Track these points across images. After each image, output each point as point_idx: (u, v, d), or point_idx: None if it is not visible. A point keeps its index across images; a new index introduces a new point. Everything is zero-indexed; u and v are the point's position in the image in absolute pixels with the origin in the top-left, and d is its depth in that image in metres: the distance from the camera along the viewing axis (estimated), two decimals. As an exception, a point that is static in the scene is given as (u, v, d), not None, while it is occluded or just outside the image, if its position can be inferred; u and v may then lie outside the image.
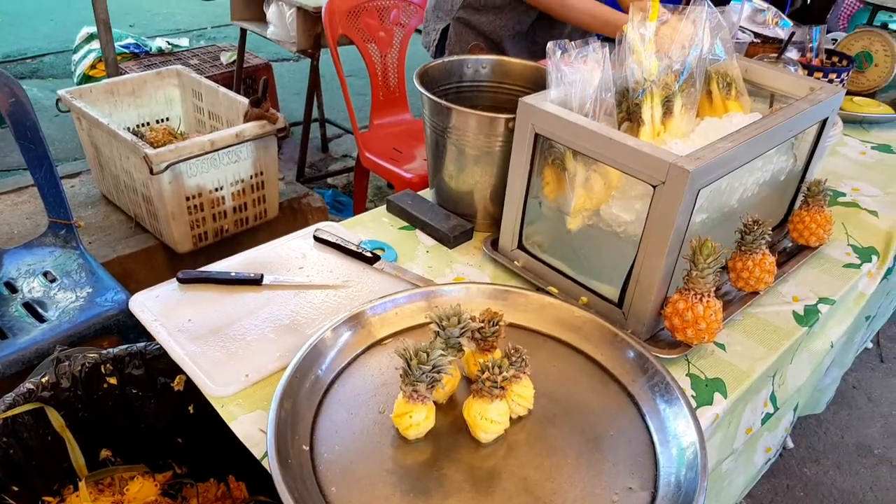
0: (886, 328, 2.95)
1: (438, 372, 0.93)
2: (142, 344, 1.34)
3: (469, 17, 2.15)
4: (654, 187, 1.05)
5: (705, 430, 1.05)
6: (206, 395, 1.03)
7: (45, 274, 1.92)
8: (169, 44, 3.90)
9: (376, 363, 1.08)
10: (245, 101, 2.39)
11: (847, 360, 1.94)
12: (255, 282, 1.23)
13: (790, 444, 2.34)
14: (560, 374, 1.10)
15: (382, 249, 1.38)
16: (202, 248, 2.40)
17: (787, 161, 1.37)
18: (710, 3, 1.34)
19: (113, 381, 1.34)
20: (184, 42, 4.10)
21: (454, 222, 1.44)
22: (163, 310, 1.17)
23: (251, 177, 2.40)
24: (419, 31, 2.88)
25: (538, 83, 1.24)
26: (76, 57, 3.94)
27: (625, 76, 1.27)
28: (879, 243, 1.53)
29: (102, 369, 1.33)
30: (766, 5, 2.27)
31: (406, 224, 1.48)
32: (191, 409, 1.37)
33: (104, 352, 1.33)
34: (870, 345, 2.85)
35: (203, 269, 1.26)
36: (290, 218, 2.71)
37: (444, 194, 1.50)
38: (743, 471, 1.37)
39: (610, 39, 1.30)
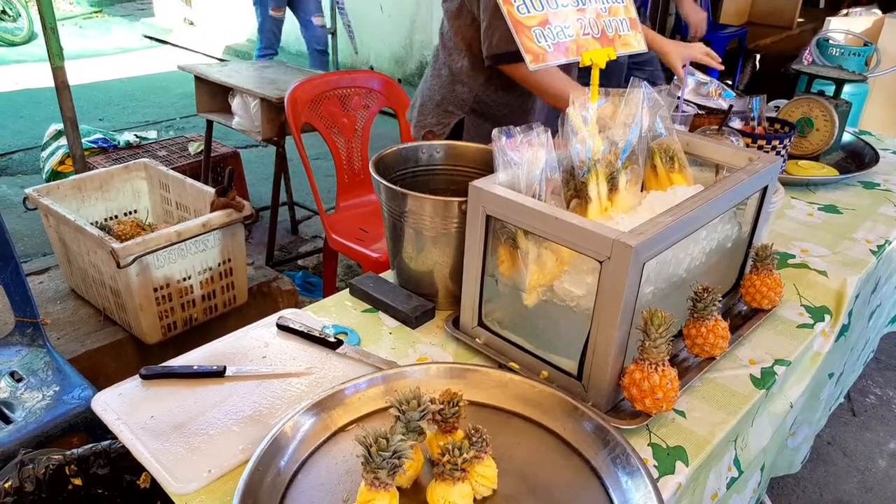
0: (857, 381, 2.99)
1: (399, 458, 0.94)
2: (106, 442, 1.33)
3: (484, 109, 2.20)
4: (601, 263, 1.09)
5: (668, 500, 1.07)
6: (169, 492, 1.02)
7: (12, 374, 1.90)
8: (137, 136, 3.97)
9: (340, 451, 1.08)
10: (211, 190, 2.43)
11: (816, 418, 1.96)
12: (218, 374, 1.24)
13: (769, 505, 2.34)
14: (523, 450, 1.11)
15: (346, 334, 1.40)
16: (171, 338, 2.39)
17: (732, 229, 1.43)
18: (647, 84, 1.42)
19: (78, 481, 1.33)
20: (152, 134, 4.18)
21: (416, 303, 1.47)
22: (125, 408, 1.17)
23: (219, 264, 2.42)
24: (383, 113, 2.97)
25: (489, 165, 1.30)
26: (45, 154, 3.98)
27: (570, 156, 1.33)
28: (831, 302, 1.58)
29: (67, 470, 1.31)
30: (708, 78, 2.39)
31: (369, 307, 1.51)
32: (157, 506, 1.35)
33: (68, 452, 1.32)
34: (842, 400, 2.88)
35: (166, 363, 1.26)
36: (259, 302, 2.73)
37: (404, 275, 1.53)
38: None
39: None
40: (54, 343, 2.23)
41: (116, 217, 2.70)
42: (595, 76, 1.42)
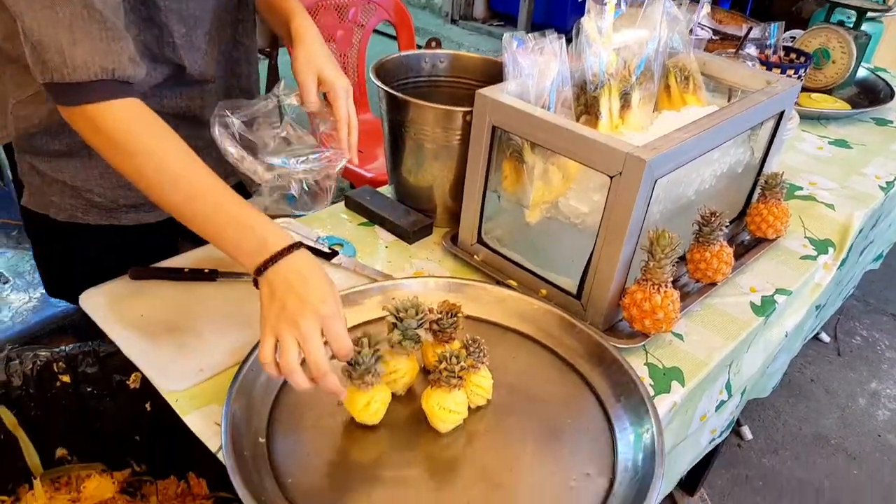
0: (843, 322, 3.01)
1: (377, 358, 0.92)
2: (95, 342, 1.31)
3: None
4: (612, 178, 1.05)
5: (663, 418, 1.06)
6: (159, 389, 1.01)
7: (-3, 274, 1.87)
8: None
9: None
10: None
11: (795, 346, 1.97)
12: (210, 278, 1.20)
13: (749, 436, 2.38)
14: (519, 365, 1.10)
15: (341, 245, 1.36)
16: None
17: (745, 153, 1.39)
18: (666, -4, 1.35)
19: (66, 379, 1.31)
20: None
21: (413, 218, 1.43)
22: (114, 306, 1.14)
23: (212, 175, 2.36)
24: (377, 32, 2.85)
25: (496, 78, 1.24)
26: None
27: (582, 69, 1.27)
28: (835, 235, 1.56)
29: (55, 367, 1.29)
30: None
31: (365, 220, 1.47)
32: (148, 406, 1.33)
33: (56, 350, 1.29)
34: (826, 338, 2.90)
35: (155, 265, 1.23)
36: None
37: (403, 190, 1.49)
38: (690, 450, 1.38)
39: None
40: (42, 246, 2.19)
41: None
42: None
